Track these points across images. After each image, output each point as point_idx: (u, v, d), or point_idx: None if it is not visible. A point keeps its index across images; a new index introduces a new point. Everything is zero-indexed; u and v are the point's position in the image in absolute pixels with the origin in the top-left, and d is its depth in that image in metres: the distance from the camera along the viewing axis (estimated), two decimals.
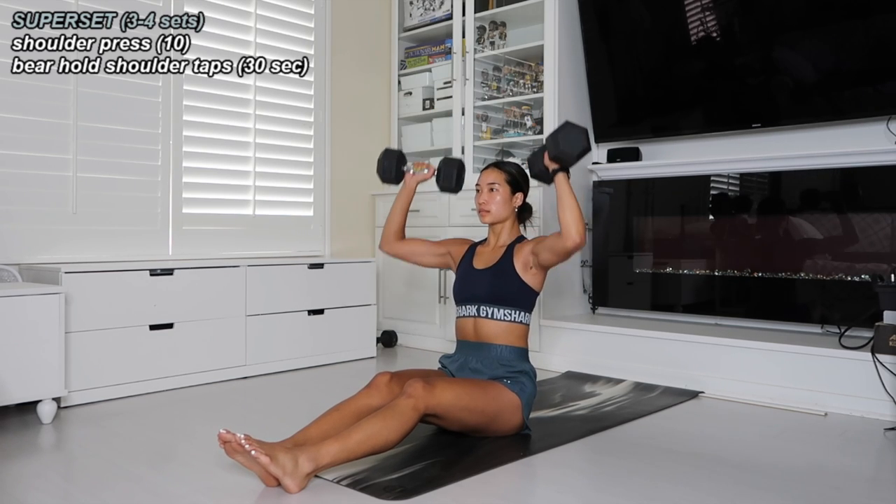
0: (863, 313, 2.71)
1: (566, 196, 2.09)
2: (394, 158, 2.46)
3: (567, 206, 2.07)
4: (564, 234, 2.08)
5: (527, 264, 2.24)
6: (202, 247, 3.44)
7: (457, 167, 2.45)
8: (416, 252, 2.49)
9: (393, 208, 2.50)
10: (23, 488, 1.81)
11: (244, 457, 1.73)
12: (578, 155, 2.08)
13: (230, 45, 3.51)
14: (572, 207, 2.07)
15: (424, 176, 2.46)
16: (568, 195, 2.09)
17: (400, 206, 2.48)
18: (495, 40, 3.93)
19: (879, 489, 1.90)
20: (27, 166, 2.88)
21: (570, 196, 2.09)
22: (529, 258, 2.23)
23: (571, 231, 2.06)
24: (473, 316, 2.27)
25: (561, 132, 2.08)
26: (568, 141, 2.06)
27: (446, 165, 2.46)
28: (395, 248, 2.50)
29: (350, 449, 1.77)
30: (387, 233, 2.50)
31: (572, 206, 2.07)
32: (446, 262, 2.47)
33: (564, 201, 2.08)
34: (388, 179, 2.48)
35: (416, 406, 1.87)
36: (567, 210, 2.07)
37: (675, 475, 1.92)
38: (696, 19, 3.38)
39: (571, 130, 2.07)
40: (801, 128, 3.20)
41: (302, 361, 3.39)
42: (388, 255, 2.54)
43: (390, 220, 2.49)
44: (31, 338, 2.38)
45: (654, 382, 3.03)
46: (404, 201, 2.48)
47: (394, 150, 2.50)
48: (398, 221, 2.49)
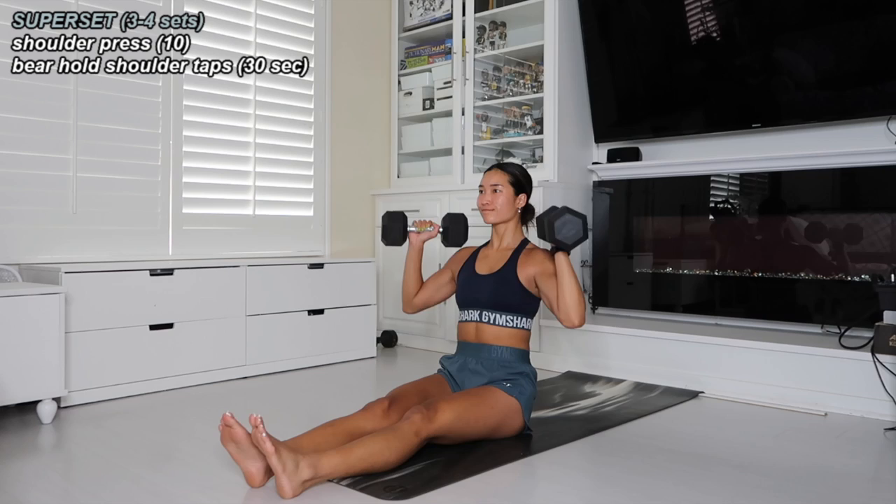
0: (863, 313, 2.71)
1: (564, 277, 2.08)
2: (398, 221, 2.43)
3: (567, 290, 2.07)
4: (563, 317, 2.09)
5: (529, 282, 2.23)
6: (202, 247, 3.44)
7: (463, 224, 2.47)
8: (432, 297, 2.48)
9: (406, 271, 2.47)
10: (23, 488, 1.81)
11: (237, 447, 1.72)
12: (573, 244, 2.07)
13: (230, 45, 3.51)
14: (572, 290, 2.06)
15: (430, 234, 2.44)
16: (567, 277, 2.07)
17: (413, 268, 2.46)
18: (495, 40, 3.93)
19: (879, 489, 1.90)
20: (27, 166, 2.88)
21: (568, 277, 2.07)
22: (532, 281, 2.22)
23: (571, 315, 2.07)
24: (476, 321, 2.27)
25: (558, 220, 2.05)
26: (564, 231, 2.04)
27: (453, 223, 2.46)
28: (416, 307, 2.50)
29: (350, 463, 1.76)
30: (407, 296, 2.49)
31: (572, 289, 2.06)
32: (453, 283, 2.46)
33: (564, 284, 2.08)
34: (393, 242, 2.45)
35: (419, 433, 1.87)
36: (567, 293, 2.07)
37: (675, 475, 1.92)
38: (696, 19, 3.38)
39: (569, 220, 2.05)
40: (801, 128, 3.20)
41: (302, 361, 3.38)
42: (414, 313, 2.54)
43: (406, 283, 2.47)
44: (31, 338, 2.38)
45: (654, 382, 3.03)
46: (416, 262, 2.46)
47: (396, 213, 2.46)
48: (415, 284, 2.47)
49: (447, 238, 2.47)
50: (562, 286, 2.08)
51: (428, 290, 2.48)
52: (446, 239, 2.48)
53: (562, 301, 2.08)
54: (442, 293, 2.48)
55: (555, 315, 2.14)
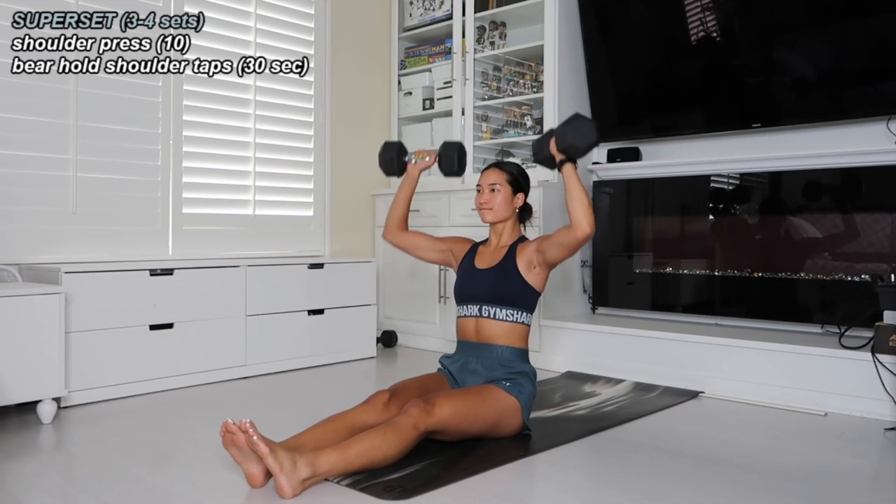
0: (863, 313, 2.71)
1: (574, 187, 2.09)
2: (394, 150, 2.47)
3: (576, 197, 2.08)
4: (574, 225, 2.08)
5: (530, 263, 2.23)
6: (202, 247, 3.44)
7: (457, 150, 2.45)
8: (418, 245, 2.49)
9: (396, 197, 2.49)
10: (23, 488, 1.81)
11: (239, 451, 1.72)
12: (587, 148, 2.09)
13: (230, 45, 3.51)
14: (581, 198, 2.07)
15: (426, 164, 2.47)
16: (576, 186, 2.09)
17: (403, 195, 2.48)
18: (495, 40, 3.93)
19: (879, 489, 1.90)
20: (27, 166, 2.88)
21: (578, 187, 2.09)
22: (534, 256, 2.23)
23: (582, 222, 2.07)
24: (475, 316, 2.27)
25: (571, 124, 2.08)
26: (578, 134, 2.06)
27: (446, 149, 2.46)
28: (397, 238, 2.50)
29: (348, 460, 1.76)
30: (390, 221, 2.50)
31: (581, 196, 2.08)
32: (447, 258, 2.47)
33: (573, 192, 2.09)
34: (391, 171, 2.49)
35: (417, 426, 1.87)
36: (576, 201, 2.08)
37: (675, 475, 1.92)
38: (696, 19, 3.38)
39: (582, 123, 2.07)
40: (801, 128, 3.20)
41: (302, 361, 3.38)
42: (391, 243, 2.53)
43: (394, 208, 2.49)
44: (31, 338, 2.38)
45: (654, 382, 3.03)
46: (408, 190, 2.48)
47: (393, 142, 2.51)
48: (402, 210, 2.49)
49: (441, 164, 2.47)
50: (570, 196, 2.09)
51: (419, 238, 2.48)
52: (440, 165, 2.47)
53: (571, 209, 2.08)
54: (428, 254, 2.48)
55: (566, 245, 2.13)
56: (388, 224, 2.51)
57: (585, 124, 2.08)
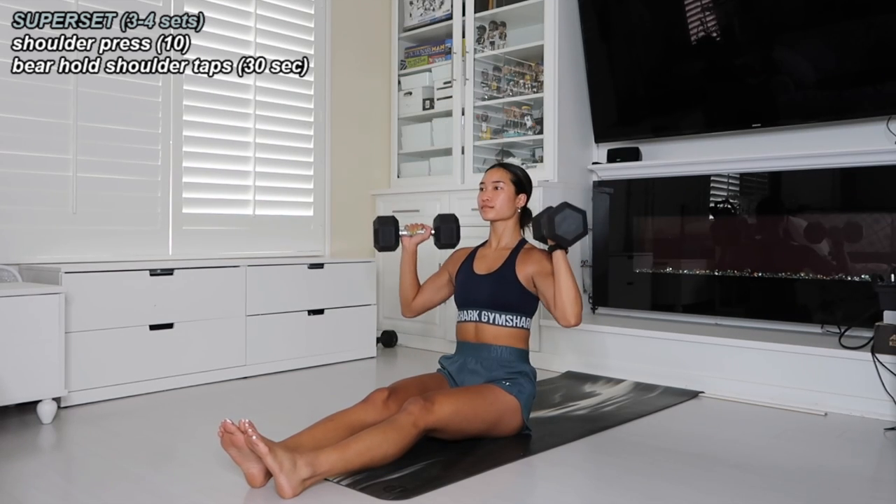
0: (863, 313, 2.71)
1: (561, 275, 2.07)
2: (391, 225, 2.42)
3: (564, 288, 2.06)
4: (559, 314, 2.08)
5: (528, 279, 2.23)
6: (202, 247, 3.44)
7: (454, 223, 2.46)
8: (431, 299, 2.48)
9: (402, 275, 2.46)
10: (23, 488, 1.81)
11: (238, 451, 1.72)
12: (573, 240, 2.06)
13: (230, 45, 3.51)
14: (569, 289, 2.06)
15: (422, 237, 2.44)
16: (564, 275, 2.07)
17: (408, 271, 2.46)
18: (495, 40, 3.93)
19: (879, 489, 1.90)
20: (27, 166, 2.88)
21: (566, 275, 2.07)
22: (531, 280, 2.22)
23: (567, 314, 2.06)
24: (475, 321, 2.27)
25: (558, 214, 2.05)
26: (565, 226, 2.03)
27: (444, 223, 2.45)
28: (415, 311, 2.49)
29: (348, 459, 1.76)
30: (404, 301, 2.48)
31: (569, 287, 2.06)
32: (452, 285, 2.46)
33: (561, 282, 2.07)
34: (387, 247, 2.43)
35: (416, 423, 1.87)
36: (564, 291, 2.06)
37: (675, 475, 1.92)
38: (696, 19, 3.38)
39: (569, 215, 2.05)
40: (801, 128, 3.20)
41: (302, 361, 3.38)
42: (413, 318, 2.55)
43: (403, 287, 2.46)
44: (31, 338, 2.38)
45: (654, 382, 3.03)
46: (410, 266, 2.46)
47: (386, 217, 2.46)
48: (411, 287, 2.46)
49: (439, 239, 2.46)
50: (559, 285, 2.07)
51: (426, 292, 2.47)
52: (438, 240, 2.47)
53: (559, 300, 2.07)
54: (441, 295, 2.48)
55: (552, 314, 2.14)
56: (403, 305, 2.49)
57: (573, 216, 2.04)
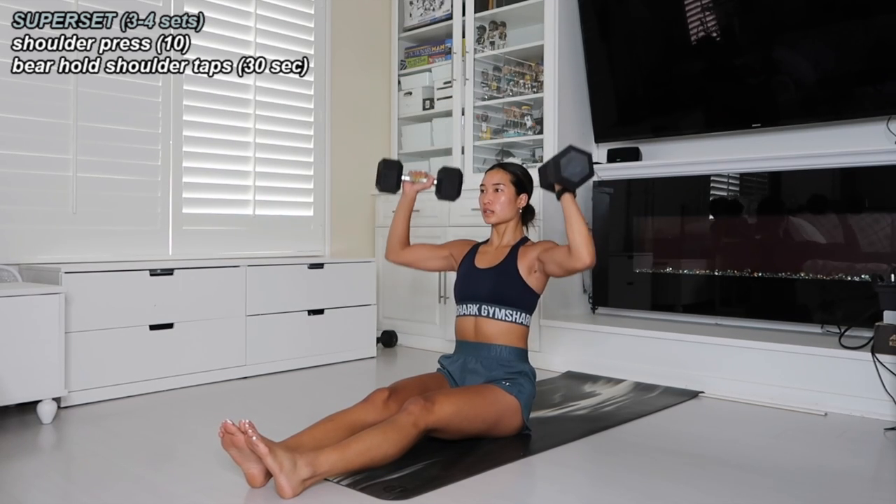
0: (863, 313, 2.71)
1: (573, 218, 2.06)
2: (393, 168, 2.45)
3: (575, 229, 2.05)
4: (574, 256, 2.06)
5: (531, 268, 2.24)
6: (202, 247, 3.44)
7: (458, 177, 2.46)
8: (421, 258, 2.50)
9: (395, 218, 2.50)
10: (23, 488, 1.81)
11: (238, 451, 1.72)
12: (580, 181, 2.06)
13: (230, 45, 3.51)
14: (581, 230, 2.04)
15: (423, 185, 2.47)
16: (575, 216, 2.06)
17: (402, 216, 2.49)
18: (495, 40, 3.93)
19: (879, 489, 1.90)
20: (27, 166, 2.88)
21: (577, 217, 2.06)
22: (535, 263, 2.23)
23: (583, 253, 2.04)
24: (474, 315, 2.27)
25: (564, 157, 2.05)
26: (570, 168, 2.04)
27: (447, 176, 2.46)
28: (400, 257, 2.51)
29: (349, 459, 1.76)
30: (391, 243, 2.50)
31: (580, 227, 2.05)
32: (449, 264, 2.48)
33: (572, 223, 2.06)
34: (387, 189, 2.47)
35: (417, 423, 1.87)
36: (576, 232, 2.05)
37: (675, 475, 1.92)
38: (696, 19, 3.38)
39: (574, 156, 2.04)
40: (801, 128, 3.20)
41: (302, 361, 3.38)
42: (395, 263, 2.54)
43: (393, 229, 2.50)
44: (31, 338, 2.38)
45: (654, 382, 3.03)
46: (406, 210, 2.49)
47: (392, 161, 2.49)
48: (402, 230, 2.49)
49: (440, 190, 2.47)
50: (570, 226, 2.06)
51: (421, 251, 2.49)
52: (439, 191, 2.48)
53: (571, 241, 2.06)
54: (431, 264, 2.49)
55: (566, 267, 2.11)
56: (389, 245, 2.51)
57: (578, 157, 2.04)
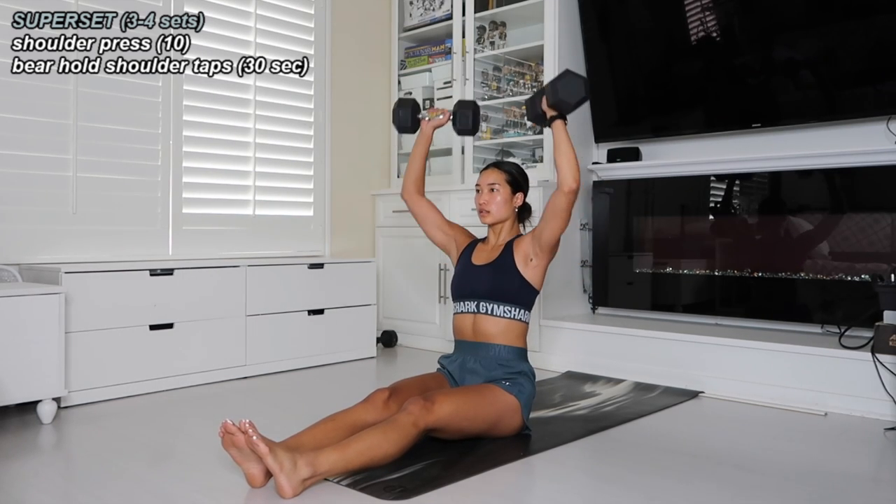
0: (863, 313, 2.71)
1: (563, 143, 2.12)
2: (409, 107, 2.48)
3: (563, 153, 2.11)
4: (560, 182, 2.10)
5: (527, 256, 2.24)
6: (202, 247, 3.44)
7: (472, 108, 2.46)
8: (429, 219, 2.47)
9: (412, 155, 2.51)
10: (23, 488, 1.81)
11: (238, 451, 1.72)
12: (577, 103, 2.10)
13: (230, 45, 3.51)
14: (568, 153, 2.11)
15: (440, 121, 2.48)
16: (564, 142, 2.12)
17: (419, 153, 2.50)
18: (495, 40, 3.93)
19: (879, 489, 1.90)
20: (27, 166, 2.88)
21: (566, 143, 2.12)
22: (530, 248, 2.23)
23: (567, 176, 2.09)
24: (473, 312, 2.27)
25: (560, 80, 2.09)
26: (567, 89, 2.08)
27: (461, 108, 2.47)
28: (414, 200, 2.48)
29: (349, 458, 1.76)
30: (407, 180, 2.50)
31: (568, 151, 2.11)
32: (450, 244, 2.46)
33: (560, 147, 2.12)
34: (404, 129, 2.50)
35: (417, 423, 1.87)
36: (563, 155, 2.11)
37: (675, 475, 1.92)
38: (696, 19, 3.38)
39: (571, 79, 2.09)
40: (801, 128, 3.20)
41: (302, 361, 3.38)
42: (407, 203, 2.52)
43: (410, 166, 2.50)
44: (31, 338, 2.38)
45: (654, 382, 3.03)
46: (422, 148, 2.50)
47: (408, 99, 2.51)
48: (417, 168, 2.49)
49: (455, 123, 2.48)
50: (558, 150, 2.12)
51: (432, 214, 2.47)
52: (455, 124, 2.48)
53: (559, 165, 2.11)
54: (435, 232, 2.47)
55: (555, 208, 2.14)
56: (405, 182, 2.51)
57: (575, 80, 2.09)
